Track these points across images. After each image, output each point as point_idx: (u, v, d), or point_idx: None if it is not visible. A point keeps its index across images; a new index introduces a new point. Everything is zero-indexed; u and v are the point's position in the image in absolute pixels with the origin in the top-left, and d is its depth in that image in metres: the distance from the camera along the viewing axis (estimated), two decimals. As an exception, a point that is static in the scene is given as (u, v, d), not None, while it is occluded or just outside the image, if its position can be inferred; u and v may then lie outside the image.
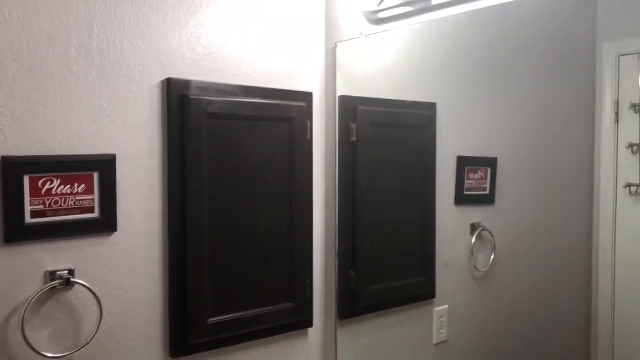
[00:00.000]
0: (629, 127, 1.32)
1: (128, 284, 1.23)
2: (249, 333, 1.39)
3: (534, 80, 1.51)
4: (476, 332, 1.63)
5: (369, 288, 1.60)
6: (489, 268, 1.62)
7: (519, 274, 1.59)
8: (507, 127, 1.59)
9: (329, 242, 1.58)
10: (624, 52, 1.30)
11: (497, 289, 1.62)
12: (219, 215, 1.31)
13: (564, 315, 1.50)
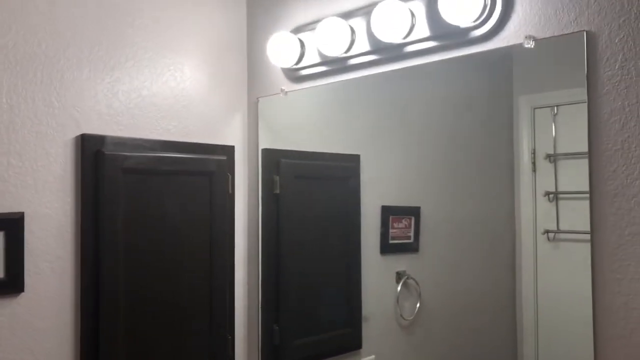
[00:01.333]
0: (545, 176, 1.38)
1: (35, 347, 1.17)
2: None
3: (454, 132, 1.56)
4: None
5: (293, 342, 1.58)
6: (415, 316, 1.63)
7: (445, 321, 1.61)
8: (429, 177, 1.63)
9: (251, 297, 1.56)
10: (538, 105, 1.37)
11: (424, 337, 1.63)
12: (135, 273, 1.29)
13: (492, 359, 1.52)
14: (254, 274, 1.56)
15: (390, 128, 1.66)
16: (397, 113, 1.64)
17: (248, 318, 1.56)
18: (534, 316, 1.41)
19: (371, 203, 1.62)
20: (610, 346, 0.90)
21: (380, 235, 1.63)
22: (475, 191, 1.58)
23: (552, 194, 1.37)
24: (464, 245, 1.60)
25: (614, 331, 0.91)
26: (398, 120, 1.64)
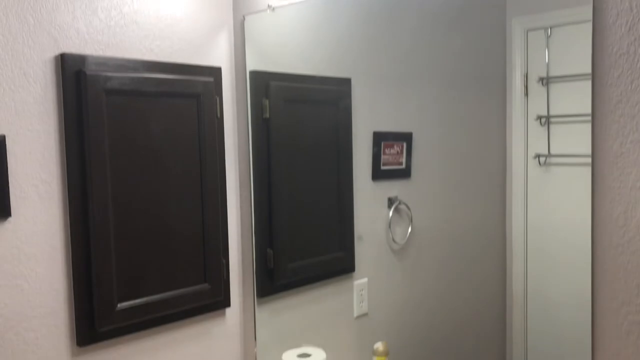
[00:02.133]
0: (537, 99, 1.36)
1: (26, 272, 1.16)
2: (163, 317, 1.35)
3: (446, 54, 1.53)
4: (396, 304, 1.66)
5: (286, 266, 1.59)
6: (406, 240, 1.65)
7: (436, 245, 1.63)
8: (421, 101, 1.60)
9: (244, 221, 1.55)
10: (532, 27, 1.33)
11: (415, 261, 1.65)
12: (124, 196, 1.26)
13: (480, 283, 1.55)
14: (246, 199, 1.55)
15: (380, 50, 1.61)
16: (388, 34, 1.59)
17: (242, 242, 1.55)
18: (524, 240, 1.42)
19: (362, 128, 1.60)
20: (608, 254, 0.91)
21: (371, 161, 1.61)
22: (466, 115, 1.57)
23: (544, 118, 1.36)
24: (455, 170, 1.59)
25: (612, 239, 0.90)
26: (389, 41, 1.60)
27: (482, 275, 1.55)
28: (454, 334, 1.59)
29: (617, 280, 0.91)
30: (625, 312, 0.90)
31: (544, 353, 1.35)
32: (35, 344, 1.17)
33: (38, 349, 1.18)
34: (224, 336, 1.51)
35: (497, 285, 1.49)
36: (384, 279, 1.65)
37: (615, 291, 0.91)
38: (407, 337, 1.65)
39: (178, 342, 1.41)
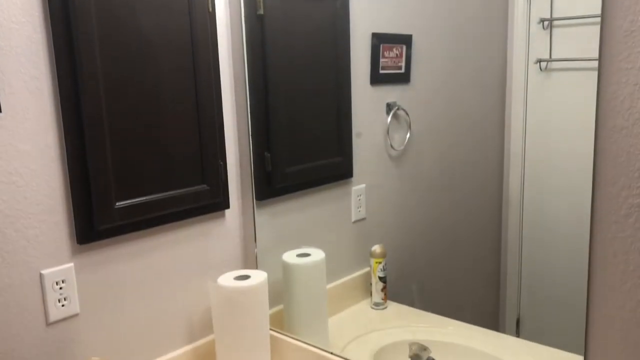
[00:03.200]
0: (541, 1, 1.32)
1: (20, 169, 1.14)
2: (163, 217, 1.36)
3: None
4: (393, 209, 1.67)
5: (284, 169, 1.58)
6: (404, 147, 1.64)
7: (434, 152, 1.62)
8: (422, 2, 1.55)
9: (241, 124, 1.53)
10: None
11: (413, 167, 1.65)
12: (116, 92, 1.23)
13: (477, 189, 1.55)
14: (241, 101, 1.51)
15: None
16: None
17: (239, 145, 1.54)
18: (522, 146, 1.41)
19: (361, 29, 1.55)
20: (612, 137, 0.89)
21: (370, 64, 1.57)
22: (467, 18, 1.51)
23: (547, 21, 1.32)
24: (455, 76, 1.56)
25: (616, 123, 0.89)
26: None
27: (479, 181, 1.56)
28: (449, 239, 1.61)
29: (619, 165, 0.90)
30: (625, 196, 0.90)
31: (538, 260, 1.37)
32: (36, 241, 1.18)
33: (39, 245, 1.18)
34: (224, 237, 1.53)
35: (493, 192, 1.49)
36: (381, 185, 1.66)
37: (617, 175, 0.90)
38: (404, 241, 1.67)
39: (179, 242, 1.42)
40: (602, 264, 0.94)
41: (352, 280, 1.66)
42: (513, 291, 1.47)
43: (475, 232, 1.60)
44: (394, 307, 1.63)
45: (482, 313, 1.50)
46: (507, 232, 1.48)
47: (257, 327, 1.41)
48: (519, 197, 1.45)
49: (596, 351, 0.98)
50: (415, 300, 1.64)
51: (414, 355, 1.39)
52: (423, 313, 1.59)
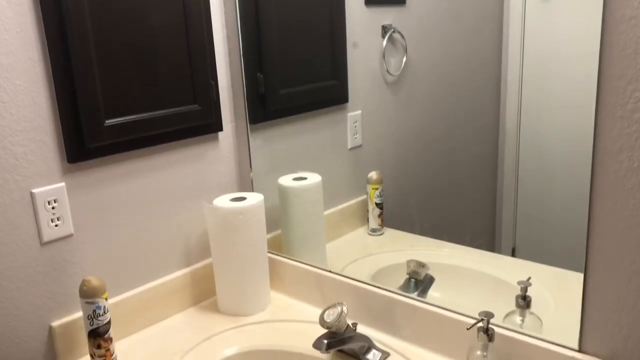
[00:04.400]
0: None
1: (4, 84, 1.10)
2: (155, 136, 1.33)
3: None
4: (389, 136, 1.65)
5: (278, 91, 1.54)
6: (400, 72, 1.59)
7: (431, 78, 1.58)
8: None
9: (232, 42, 1.48)
10: None
11: (409, 93, 1.61)
12: (101, 6, 1.18)
13: (473, 118, 1.52)
14: (231, 18, 1.46)
15: None
16: None
17: (230, 65, 1.49)
18: (519, 74, 1.38)
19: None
20: (619, 28, 0.86)
21: (365, -17, 1.51)
22: None
23: None
24: (452, 0, 1.50)
25: (625, 11, 0.85)
26: None
27: (476, 110, 1.52)
28: (446, 166, 1.59)
29: (626, 57, 0.87)
30: (632, 90, 0.87)
31: (534, 187, 1.35)
32: (25, 159, 1.15)
33: (29, 164, 1.15)
34: (219, 161, 1.50)
35: (490, 119, 1.46)
36: (377, 111, 1.62)
37: (624, 68, 0.87)
38: (400, 168, 1.65)
39: (172, 164, 1.40)
40: (606, 161, 0.92)
41: (349, 207, 1.64)
42: (509, 219, 1.46)
43: (472, 159, 1.58)
44: (391, 233, 1.63)
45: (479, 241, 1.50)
46: (504, 159, 1.46)
47: (254, 248, 1.40)
48: (515, 124, 1.42)
49: (598, 255, 0.97)
50: (411, 226, 1.64)
51: (412, 272, 1.40)
52: (420, 237, 1.58)
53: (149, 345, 1.31)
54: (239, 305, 1.42)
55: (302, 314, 1.41)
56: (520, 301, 1.16)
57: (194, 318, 1.43)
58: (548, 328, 1.11)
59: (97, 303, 1.18)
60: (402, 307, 1.27)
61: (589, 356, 1.01)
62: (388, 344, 1.26)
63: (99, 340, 1.20)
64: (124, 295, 1.34)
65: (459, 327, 1.17)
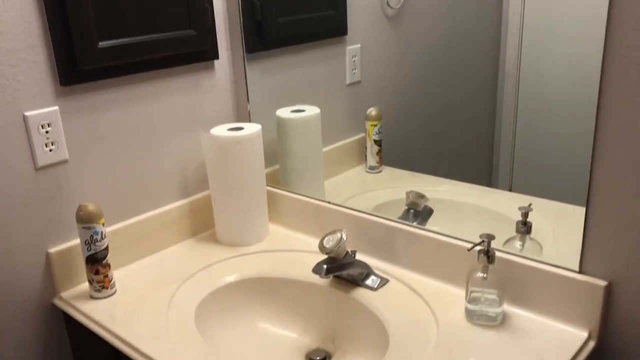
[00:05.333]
0: None
1: None
2: (149, 61, 1.29)
3: None
4: (389, 72, 1.61)
5: (275, 19, 1.49)
6: (401, 5, 1.54)
7: (432, 13, 1.53)
8: None
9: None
10: None
11: (410, 28, 1.57)
12: None
13: (474, 56, 1.48)
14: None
15: None
16: None
17: (225, -10, 1.44)
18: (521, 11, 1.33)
19: None
20: None
21: None
22: None
23: None
24: None
25: None
26: None
27: (477, 48, 1.49)
28: (445, 104, 1.56)
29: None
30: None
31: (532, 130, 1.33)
32: (16, 80, 1.11)
33: (20, 85, 1.12)
34: (215, 91, 1.47)
35: (491, 60, 1.43)
36: (377, 46, 1.58)
37: (638, -23, 0.84)
38: (399, 105, 1.62)
39: (168, 92, 1.36)
40: (615, 75, 0.90)
41: (347, 145, 1.62)
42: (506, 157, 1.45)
43: (472, 97, 1.55)
44: (389, 171, 1.62)
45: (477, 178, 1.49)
46: (503, 97, 1.44)
47: (253, 178, 1.39)
48: (515, 64, 1.39)
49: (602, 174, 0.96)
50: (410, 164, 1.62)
51: (410, 203, 1.39)
52: (418, 175, 1.57)
53: (147, 273, 1.30)
54: (238, 235, 1.42)
55: (301, 245, 1.41)
56: (521, 227, 1.15)
57: (193, 248, 1.42)
58: (547, 254, 1.11)
59: (94, 228, 1.16)
60: (401, 236, 1.27)
61: (590, 277, 1.01)
62: (387, 271, 1.26)
63: (97, 266, 1.19)
64: (120, 224, 1.33)
65: (458, 253, 1.17)
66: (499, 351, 0.98)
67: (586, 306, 1.01)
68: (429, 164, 1.58)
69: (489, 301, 1.06)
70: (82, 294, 1.23)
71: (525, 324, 1.06)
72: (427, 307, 1.14)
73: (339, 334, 1.21)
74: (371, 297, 1.18)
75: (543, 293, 1.06)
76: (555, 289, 1.04)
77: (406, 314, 1.11)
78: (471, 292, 1.08)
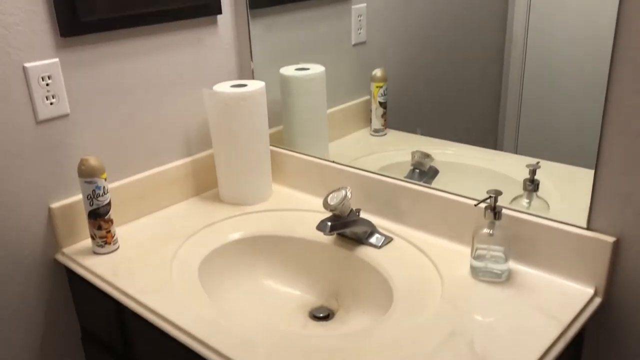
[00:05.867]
0: None
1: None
2: (151, 14, 1.26)
3: None
4: (395, 33, 1.58)
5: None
6: (408, -37, 1.51)
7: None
8: None
9: None
10: None
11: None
12: None
13: (481, 19, 1.45)
14: None
15: None
16: None
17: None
18: None
19: None
20: None
21: None
22: None
23: None
24: None
25: None
26: None
27: (484, 9, 1.45)
28: (451, 67, 1.53)
29: None
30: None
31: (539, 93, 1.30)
32: (16, 30, 1.09)
33: (20, 35, 1.09)
34: (218, 48, 1.44)
35: (498, 21, 1.40)
36: (383, 6, 1.54)
37: None
38: (405, 67, 1.60)
39: (169, 47, 1.33)
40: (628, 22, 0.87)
41: (352, 107, 1.60)
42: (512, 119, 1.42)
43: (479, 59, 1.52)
44: (394, 134, 1.59)
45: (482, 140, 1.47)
46: (510, 60, 1.41)
47: (256, 136, 1.37)
48: (523, 25, 1.36)
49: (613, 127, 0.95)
50: (415, 127, 1.60)
51: (416, 163, 1.37)
52: (423, 138, 1.55)
53: (150, 230, 1.30)
54: (241, 195, 1.40)
55: (305, 204, 1.40)
56: (529, 184, 1.14)
57: (196, 206, 1.41)
58: (554, 212, 1.09)
59: (96, 183, 1.15)
60: (406, 195, 1.26)
61: (598, 233, 1.00)
62: (391, 230, 1.25)
63: (100, 221, 1.18)
64: (123, 181, 1.31)
65: (464, 211, 1.16)
66: (503, 306, 0.98)
67: (593, 263, 1.00)
68: (435, 126, 1.56)
69: (494, 258, 1.06)
70: (84, 250, 1.22)
71: (530, 280, 1.05)
72: (431, 264, 1.13)
73: (342, 292, 1.21)
74: (375, 255, 1.17)
75: (549, 250, 1.05)
76: (562, 245, 1.03)
77: (410, 270, 1.11)
78: (477, 249, 1.07)
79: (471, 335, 0.91)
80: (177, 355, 1.00)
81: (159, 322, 0.99)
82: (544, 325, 0.92)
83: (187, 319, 0.98)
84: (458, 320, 0.94)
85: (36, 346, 1.25)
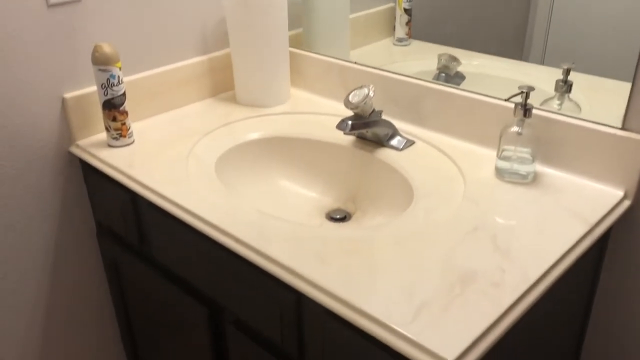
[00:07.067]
0: None
1: None
2: None
3: None
4: None
5: None
6: None
7: None
8: None
9: None
10: None
11: None
12: None
13: None
14: None
15: None
16: None
17: None
18: None
19: None
20: None
21: None
22: None
23: None
24: None
25: None
26: None
27: None
28: None
29: None
30: None
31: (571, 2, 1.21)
32: None
33: None
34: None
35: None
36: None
37: None
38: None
39: None
40: None
41: (375, 14, 1.52)
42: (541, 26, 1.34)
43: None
44: (418, 44, 1.52)
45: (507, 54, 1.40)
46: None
47: (275, 34, 1.31)
48: None
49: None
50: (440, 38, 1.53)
51: (442, 66, 1.32)
52: (449, 48, 1.48)
53: (165, 126, 1.27)
54: (259, 96, 1.36)
55: (325, 108, 1.36)
56: (561, 84, 1.08)
57: (212, 107, 1.37)
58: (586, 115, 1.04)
59: (110, 71, 1.11)
60: (431, 96, 1.21)
61: (633, 133, 0.95)
62: (414, 133, 1.21)
63: (114, 112, 1.15)
64: (138, 75, 1.27)
65: (491, 112, 1.11)
66: (528, 205, 0.95)
67: (625, 164, 0.96)
68: (461, 37, 1.48)
69: (521, 159, 1.02)
70: (99, 143, 1.20)
71: (557, 182, 1.01)
72: (454, 166, 1.10)
73: (360, 194, 1.18)
74: (396, 157, 1.14)
75: (579, 152, 1.01)
76: (593, 147, 0.99)
77: (432, 172, 1.07)
78: (503, 150, 1.03)
79: (494, 231, 0.88)
80: (194, 244, 0.99)
81: (175, 210, 0.98)
82: (570, 223, 0.89)
83: (204, 207, 0.96)
84: (481, 217, 0.92)
85: (52, 241, 1.25)
